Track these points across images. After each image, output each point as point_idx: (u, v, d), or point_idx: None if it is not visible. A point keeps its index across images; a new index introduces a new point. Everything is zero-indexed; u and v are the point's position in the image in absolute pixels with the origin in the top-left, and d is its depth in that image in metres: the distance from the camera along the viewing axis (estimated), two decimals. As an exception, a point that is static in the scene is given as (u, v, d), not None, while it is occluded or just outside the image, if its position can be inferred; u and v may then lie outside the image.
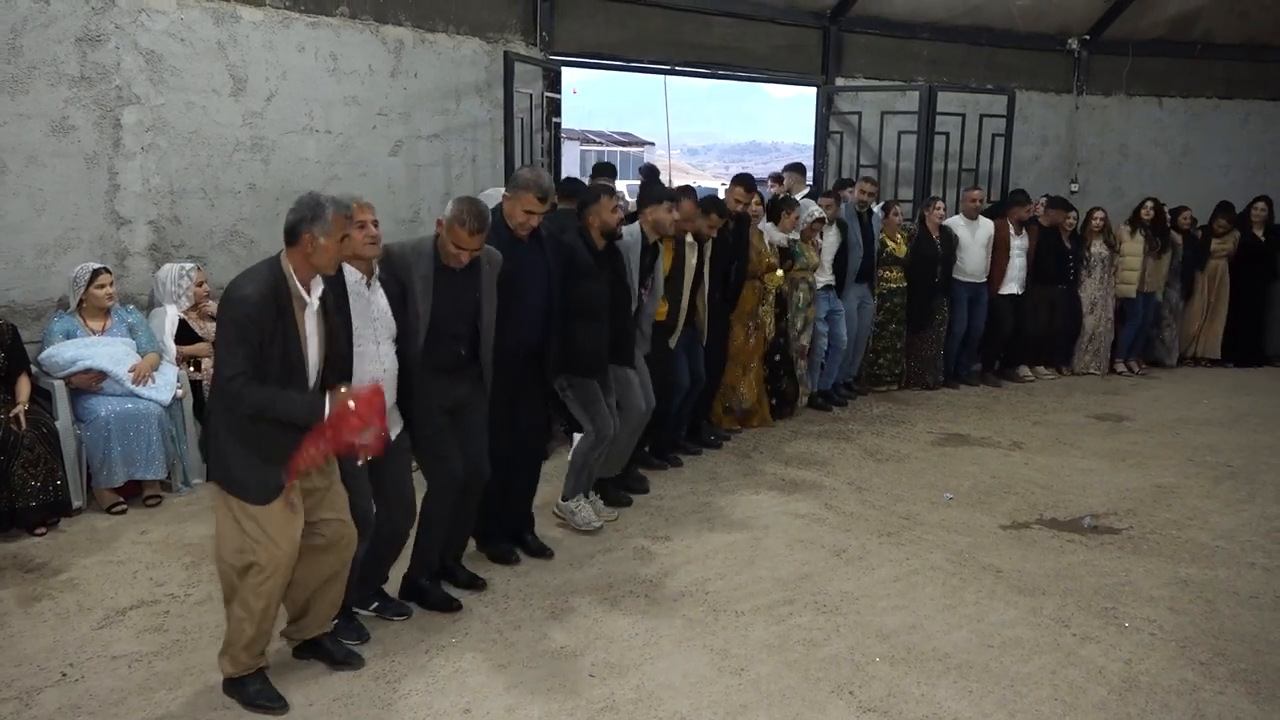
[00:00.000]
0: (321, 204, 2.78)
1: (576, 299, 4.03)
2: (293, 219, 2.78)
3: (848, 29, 8.69)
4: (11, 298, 5.01)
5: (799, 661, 3.27)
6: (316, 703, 2.97)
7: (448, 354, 3.43)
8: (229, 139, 5.65)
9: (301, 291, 2.80)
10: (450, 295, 3.39)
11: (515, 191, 3.73)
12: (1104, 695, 3.09)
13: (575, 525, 4.37)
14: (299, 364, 2.79)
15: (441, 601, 3.60)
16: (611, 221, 4.16)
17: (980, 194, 7.65)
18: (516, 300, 3.71)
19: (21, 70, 4.90)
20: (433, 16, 6.55)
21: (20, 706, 2.91)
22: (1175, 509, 4.89)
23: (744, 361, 5.96)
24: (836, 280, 6.64)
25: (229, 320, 2.72)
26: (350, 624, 3.35)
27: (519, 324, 3.76)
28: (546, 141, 7.10)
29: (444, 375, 3.44)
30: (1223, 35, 9.53)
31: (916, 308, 7.20)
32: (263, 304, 2.70)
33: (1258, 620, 3.66)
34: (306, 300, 2.82)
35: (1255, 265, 8.54)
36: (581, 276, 4.06)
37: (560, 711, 2.95)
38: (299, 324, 2.79)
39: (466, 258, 3.37)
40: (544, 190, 3.69)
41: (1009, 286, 7.61)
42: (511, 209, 3.73)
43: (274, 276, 2.76)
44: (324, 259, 2.80)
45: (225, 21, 5.59)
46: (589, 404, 4.24)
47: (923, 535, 4.45)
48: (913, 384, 7.39)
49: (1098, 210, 7.97)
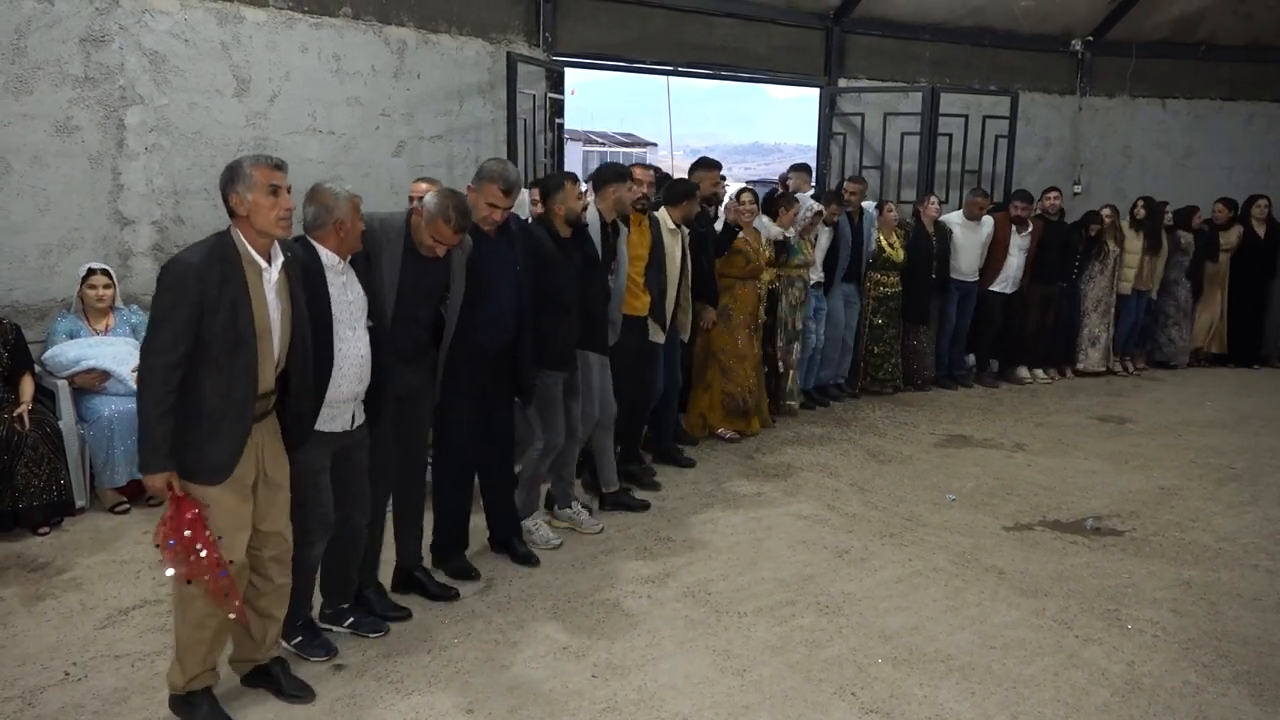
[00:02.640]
0: (237, 163, 2.67)
1: (542, 291, 3.89)
2: (221, 191, 2.69)
3: (850, 30, 8.68)
4: (15, 298, 5.02)
5: (801, 663, 3.26)
6: (319, 702, 2.97)
7: (407, 338, 3.35)
8: (232, 139, 5.65)
9: (255, 256, 2.67)
10: (417, 277, 3.30)
11: (479, 184, 3.61)
12: (1107, 697, 3.08)
13: (537, 544, 4.16)
14: (249, 333, 2.63)
15: (441, 589, 3.63)
16: (576, 209, 4.03)
17: (983, 200, 7.60)
18: (484, 296, 3.60)
19: (26, 70, 4.91)
20: (436, 17, 6.56)
21: (23, 705, 2.91)
22: (1178, 511, 4.88)
23: (753, 363, 5.92)
24: (825, 278, 6.63)
25: (161, 289, 2.58)
26: (315, 640, 3.21)
27: (488, 321, 3.66)
28: (550, 142, 7.10)
29: (400, 362, 3.35)
30: (1226, 37, 9.51)
31: (912, 303, 7.19)
32: (201, 270, 2.56)
33: (1261, 622, 3.65)
34: (263, 266, 2.69)
35: (1256, 263, 8.57)
36: (546, 267, 3.92)
37: (562, 712, 2.95)
38: (251, 290, 2.64)
39: (443, 251, 3.30)
40: (509, 183, 3.58)
41: (1000, 285, 7.58)
42: (475, 202, 3.59)
43: (220, 244, 2.64)
44: (263, 218, 2.64)
45: (229, 22, 5.60)
46: (545, 409, 4.09)
47: (925, 536, 4.44)
48: (909, 383, 7.38)
49: (1106, 208, 7.96)
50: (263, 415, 2.77)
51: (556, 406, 4.13)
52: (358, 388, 3.10)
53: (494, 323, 3.69)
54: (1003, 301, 7.62)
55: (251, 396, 2.68)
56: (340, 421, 3.09)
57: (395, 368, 3.30)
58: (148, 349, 2.61)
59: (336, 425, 3.08)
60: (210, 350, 2.60)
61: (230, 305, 2.60)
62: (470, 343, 3.60)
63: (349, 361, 3.04)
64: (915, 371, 7.40)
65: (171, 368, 2.56)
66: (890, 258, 7.02)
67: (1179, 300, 8.47)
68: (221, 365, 2.62)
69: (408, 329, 3.34)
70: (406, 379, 3.41)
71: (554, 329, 3.98)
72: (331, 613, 3.36)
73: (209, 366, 2.61)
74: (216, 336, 2.59)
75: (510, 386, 3.89)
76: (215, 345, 2.59)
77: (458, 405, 3.68)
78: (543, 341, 3.93)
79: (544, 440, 4.15)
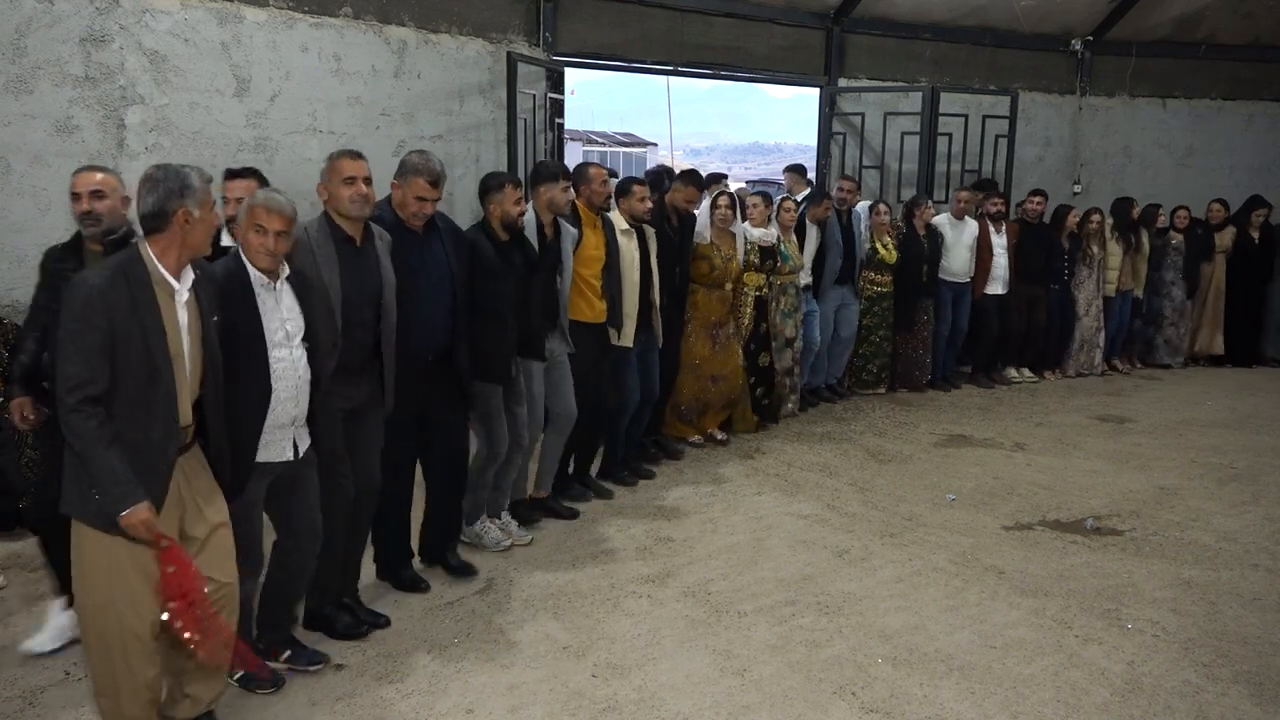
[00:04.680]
0: (185, 173, 2.44)
1: (478, 300, 3.75)
2: (157, 198, 2.40)
3: (850, 30, 8.67)
4: (15, 297, 5.01)
5: (801, 662, 3.27)
6: (319, 703, 2.97)
7: (355, 345, 3.18)
8: (232, 139, 5.65)
9: (166, 277, 2.42)
10: (355, 274, 3.15)
11: (404, 178, 3.47)
12: (1107, 697, 3.09)
13: (486, 547, 4.11)
14: (164, 362, 2.38)
15: (350, 628, 3.35)
16: (513, 213, 3.90)
17: (969, 195, 7.62)
18: (415, 296, 3.45)
19: (26, 70, 4.91)
20: (436, 17, 6.55)
21: (24, 705, 2.92)
22: (1178, 510, 4.88)
23: (709, 373, 5.66)
24: (815, 281, 6.56)
25: (65, 318, 2.30)
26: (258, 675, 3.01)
27: (420, 322, 3.49)
28: (550, 142, 7.10)
29: (349, 376, 3.18)
30: (1227, 36, 9.50)
31: (902, 308, 7.16)
32: (108, 292, 2.30)
33: (1261, 622, 3.65)
34: (175, 286, 2.44)
35: (1251, 267, 8.58)
36: (485, 276, 3.77)
37: (563, 712, 2.95)
38: (163, 315, 2.39)
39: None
40: (434, 174, 3.46)
41: (993, 286, 7.56)
42: (403, 198, 3.47)
43: (126, 263, 2.38)
44: (200, 236, 2.46)
45: (229, 22, 5.60)
46: (486, 418, 3.99)
47: (925, 536, 4.44)
48: (898, 386, 7.34)
49: (1095, 213, 7.96)
50: (181, 450, 2.52)
51: (498, 415, 4.01)
52: (295, 411, 2.89)
53: (427, 324, 3.53)
54: (997, 304, 7.60)
55: (174, 433, 2.44)
56: (277, 449, 2.88)
57: (341, 384, 3.12)
58: (63, 386, 2.30)
59: (273, 454, 2.87)
60: (123, 385, 2.34)
61: (142, 332, 2.34)
62: (404, 346, 3.42)
63: (285, 383, 2.84)
64: (905, 378, 7.33)
65: (94, 402, 2.30)
66: (884, 259, 6.99)
67: (1174, 301, 8.47)
68: (138, 401, 2.37)
69: (355, 336, 3.17)
70: (353, 392, 3.23)
71: (489, 340, 3.83)
72: (265, 647, 3.10)
73: (123, 404, 2.35)
74: (131, 369, 2.33)
75: (454, 395, 3.73)
76: (129, 379, 2.34)
77: (395, 414, 3.46)
78: (477, 353, 3.77)
79: (486, 449, 4.07)
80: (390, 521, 3.71)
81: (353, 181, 3.15)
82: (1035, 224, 7.73)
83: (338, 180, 3.16)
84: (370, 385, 3.31)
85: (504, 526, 4.25)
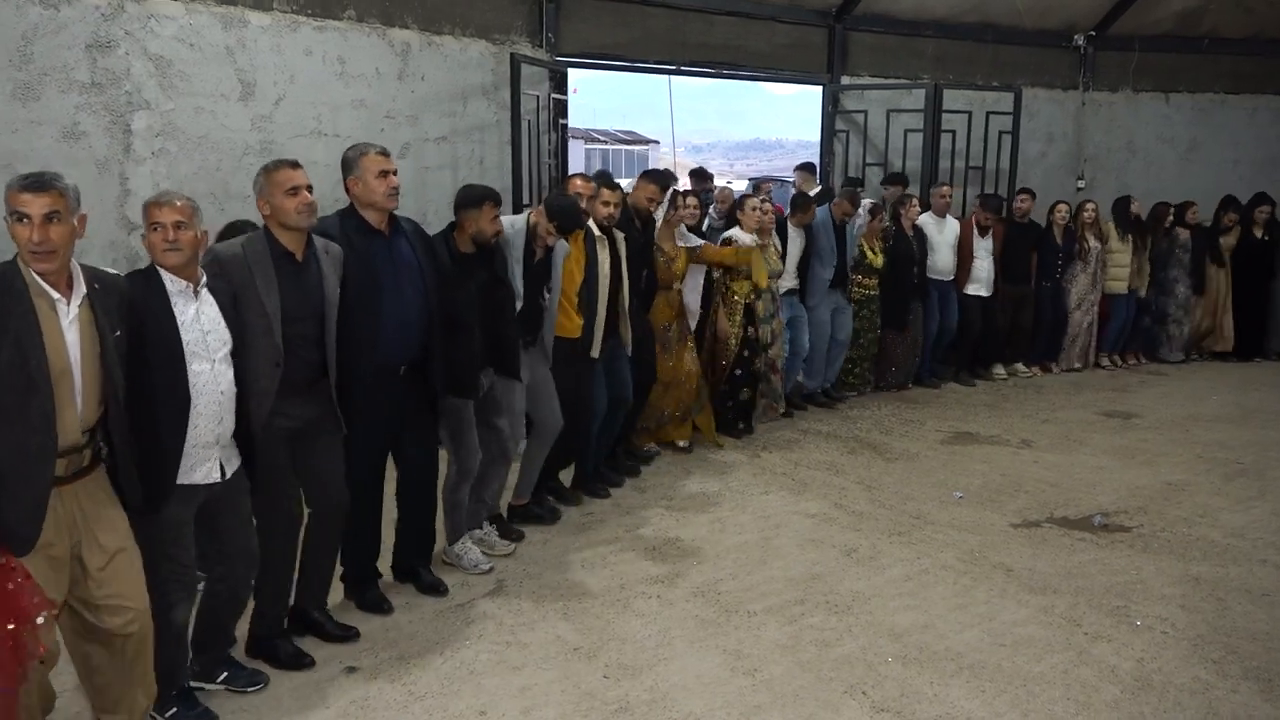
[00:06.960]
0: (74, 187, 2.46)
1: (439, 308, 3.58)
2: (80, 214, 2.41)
3: (853, 27, 8.67)
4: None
5: (812, 662, 3.28)
6: (332, 705, 2.99)
7: (300, 363, 3.01)
8: (238, 143, 5.67)
9: (45, 287, 2.33)
10: (295, 288, 3.00)
11: (355, 167, 3.32)
12: (1116, 694, 3.10)
13: (466, 568, 3.97)
14: (41, 375, 2.29)
15: (292, 658, 3.20)
16: (488, 232, 3.75)
17: (949, 190, 7.56)
18: (385, 304, 3.31)
19: (32, 77, 4.93)
20: (439, 19, 6.57)
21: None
22: (1186, 506, 4.89)
23: (664, 380, 5.38)
24: (801, 285, 6.41)
25: None
26: (192, 711, 2.87)
27: (392, 329, 3.35)
28: (554, 143, 7.12)
29: (294, 393, 3.01)
30: (1229, 30, 9.49)
31: (894, 308, 7.07)
32: None
33: (1270, 618, 3.66)
34: (55, 297, 2.35)
35: (1256, 264, 8.57)
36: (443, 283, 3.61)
37: (575, 713, 2.97)
38: (43, 325, 2.31)
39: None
40: (380, 148, 3.35)
41: (974, 288, 7.51)
42: (365, 187, 3.30)
43: (3, 274, 2.32)
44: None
45: (233, 26, 5.61)
46: (455, 434, 3.86)
47: (933, 534, 4.46)
48: (881, 387, 7.25)
49: (1089, 203, 7.95)
50: (75, 475, 2.42)
51: (469, 431, 3.88)
52: (218, 429, 2.74)
53: (398, 333, 3.38)
54: (980, 305, 7.54)
55: (51, 450, 2.33)
56: (202, 472, 2.73)
57: (286, 403, 2.99)
58: None
59: (199, 476, 2.72)
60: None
61: (15, 342, 2.26)
62: (376, 356, 3.30)
63: (205, 398, 2.68)
64: (890, 378, 7.26)
65: None
66: (870, 263, 6.84)
67: (1179, 298, 8.45)
68: (11, 414, 2.28)
69: (298, 352, 3.00)
70: (301, 410, 3.07)
71: (452, 350, 3.64)
72: (201, 669, 3.02)
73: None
74: (2, 379, 2.27)
75: (427, 407, 3.61)
76: (2, 390, 2.27)
77: (365, 427, 3.31)
78: (448, 364, 3.62)
79: (456, 466, 3.95)
80: (356, 539, 3.55)
81: (297, 191, 2.98)
82: (1023, 223, 7.72)
83: (279, 192, 2.98)
84: (320, 404, 3.13)
85: (485, 538, 4.14)
